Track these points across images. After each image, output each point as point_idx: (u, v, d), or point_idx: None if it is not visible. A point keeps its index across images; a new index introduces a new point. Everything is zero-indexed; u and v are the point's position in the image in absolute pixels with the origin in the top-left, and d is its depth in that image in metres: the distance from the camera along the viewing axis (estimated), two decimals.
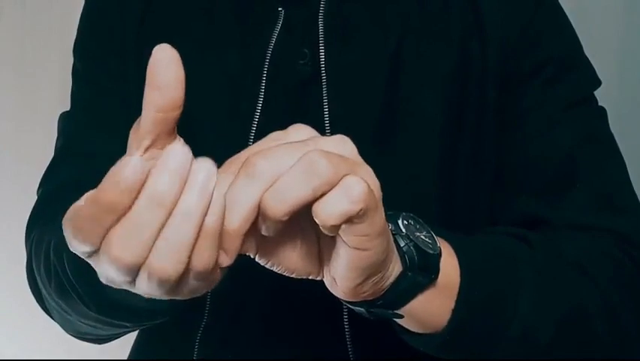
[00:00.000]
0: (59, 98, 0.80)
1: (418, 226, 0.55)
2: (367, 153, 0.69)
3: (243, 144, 0.69)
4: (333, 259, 0.49)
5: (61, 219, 0.47)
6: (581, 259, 0.63)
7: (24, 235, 0.73)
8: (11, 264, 0.74)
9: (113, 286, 0.45)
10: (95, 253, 0.43)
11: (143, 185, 0.41)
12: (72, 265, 0.59)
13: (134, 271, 0.42)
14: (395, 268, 0.52)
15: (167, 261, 0.42)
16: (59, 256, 0.60)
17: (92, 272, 0.48)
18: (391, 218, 0.54)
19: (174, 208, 0.42)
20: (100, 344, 0.75)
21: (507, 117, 0.72)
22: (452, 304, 0.55)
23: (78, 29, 0.78)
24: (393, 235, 0.52)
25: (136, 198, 0.41)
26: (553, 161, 0.71)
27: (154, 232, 0.42)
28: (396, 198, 0.70)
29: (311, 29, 0.70)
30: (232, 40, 0.72)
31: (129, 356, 0.84)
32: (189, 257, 0.42)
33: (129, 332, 0.72)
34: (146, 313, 0.59)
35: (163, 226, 0.42)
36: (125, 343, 0.85)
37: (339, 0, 0.71)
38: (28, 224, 0.73)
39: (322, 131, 0.69)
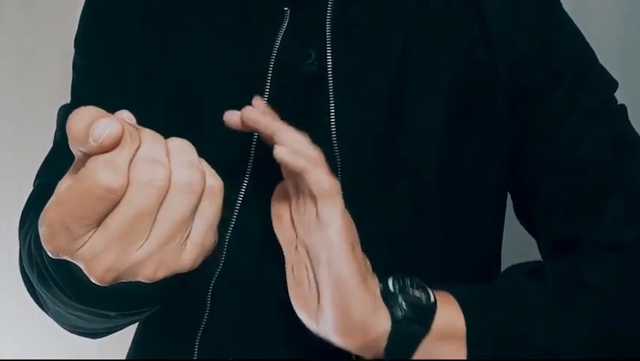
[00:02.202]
0: (59, 98, 0.80)
1: (409, 283, 0.58)
2: (372, 155, 0.69)
3: (247, 144, 0.70)
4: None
5: None
6: (603, 280, 0.63)
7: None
8: (11, 264, 0.73)
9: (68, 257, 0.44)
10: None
11: None
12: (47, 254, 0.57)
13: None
14: (385, 323, 0.57)
15: (150, 170, 0.43)
16: (37, 245, 0.59)
17: (67, 261, 0.48)
18: (383, 280, 0.59)
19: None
20: (95, 338, 0.74)
21: (531, 131, 0.72)
22: (465, 350, 0.57)
23: (79, 24, 0.78)
24: (382, 295, 0.58)
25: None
26: (585, 174, 0.70)
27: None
28: (398, 197, 0.70)
29: (317, 30, 0.70)
30: (234, 39, 0.72)
31: (127, 355, 0.84)
32: (169, 170, 0.44)
33: (120, 325, 0.71)
34: (126, 299, 0.57)
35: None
36: (126, 343, 0.85)
37: (346, 2, 0.71)
38: (21, 217, 0.72)
39: (328, 132, 0.69)
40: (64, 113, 0.77)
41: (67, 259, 0.45)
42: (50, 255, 0.45)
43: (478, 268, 0.75)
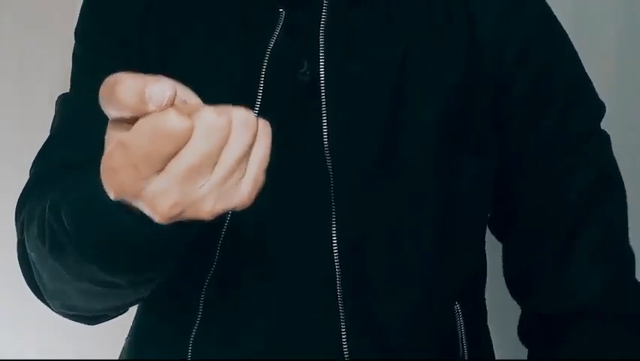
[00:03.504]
0: None
1: None
2: (365, 168, 0.69)
3: None
4: None
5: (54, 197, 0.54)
6: None
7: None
8: (11, 264, 0.73)
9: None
10: None
11: None
12: (69, 211, 0.57)
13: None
14: None
15: (214, 115, 0.46)
16: (56, 211, 0.59)
17: (88, 214, 0.52)
18: None
19: None
20: (92, 323, 0.74)
21: (515, 159, 0.73)
22: None
23: (80, 15, 0.78)
24: None
25: None
26: (562, 214, 0.73)
27: None
28: (391, 208, 0.70)
29: (312, 37, 0.69)
30: (231, 41, 0.71)
31: (120, 356, 0.83)
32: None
33: (121, 304, 0.70)
34: (145, 252, 0.56)
35: None
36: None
37: (343, 8, 0.70)
38: (18, 204, 0.72)
39: (320, 143, 0.68)
40: (63, 102, 0.77)
41: (129, 199, 0.47)
42: (114, 197, 0.47)
43: (470, 277, 0.76)
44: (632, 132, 1.13)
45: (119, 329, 0.84)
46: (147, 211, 0.47)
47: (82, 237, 0.57)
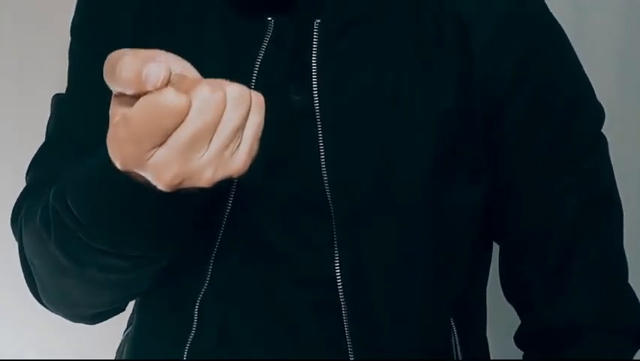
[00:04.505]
0: None
1: None
2: (366, 195, 0.68)
3: None
4: None
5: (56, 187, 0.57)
6: None
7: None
8: (11, 265, 0.73)
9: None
10: None
11: None
12: (75, 196, 0.59)
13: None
14: None
15: (210, 91, 0.49)
16: (60, 198, 0.61)
17: (95, 196, 0.55)
18: None
19: None
20: (93, 321, 0.74)
21: (513, 174, 0.73)
22: None
23: (76, 10, 0.77)
24: None
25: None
26: (558, 230, 0.73)
27: None
28: (386, 233, 0.70)
29: (303, 62, 0.68)
30: (219, 53, 0.69)
31: (115, 357, 0.83)
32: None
33: (125, 293, 0.71)
34: (152, 219, 0.58)
35: None
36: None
37: (336, 35, 0.69)
38: (14, 210, 0.72)
39: (318, 170, 0.68)
40: (58, 104, 0.77)
41: (135, 170, 0.50)
42: (120, 167, 0.50)
43: (464, 291, 0.76)
44: (632, 133, 1.13)
45: (118, 329, 0.84)
46: (152, 180, 0.50)
47: (87, 220, 0.58)
